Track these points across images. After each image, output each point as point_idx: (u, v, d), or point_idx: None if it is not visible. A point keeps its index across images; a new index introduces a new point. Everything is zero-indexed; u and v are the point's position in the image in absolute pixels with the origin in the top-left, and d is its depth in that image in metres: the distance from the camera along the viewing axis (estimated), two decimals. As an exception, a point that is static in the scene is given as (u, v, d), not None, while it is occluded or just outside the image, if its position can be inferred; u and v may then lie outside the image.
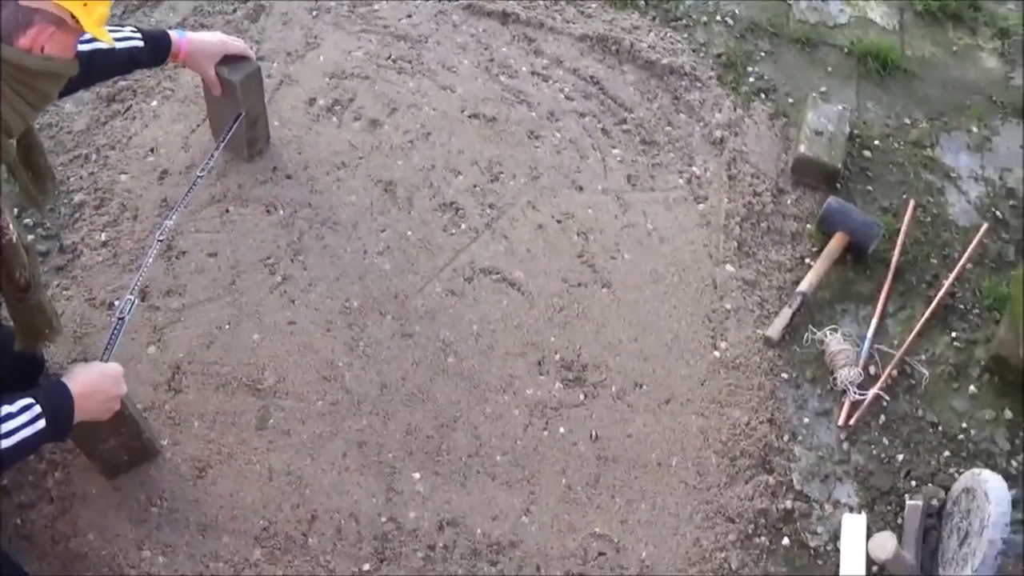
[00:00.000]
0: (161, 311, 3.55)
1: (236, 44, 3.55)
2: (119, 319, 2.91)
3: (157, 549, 3.07)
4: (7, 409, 2.37)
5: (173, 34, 3.34)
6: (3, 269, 2.51)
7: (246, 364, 3.45)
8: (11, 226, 2.45)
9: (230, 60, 3.58)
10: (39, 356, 3.22)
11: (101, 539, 3.06)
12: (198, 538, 3.10)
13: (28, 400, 2.42)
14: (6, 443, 2.34)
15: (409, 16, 4.58)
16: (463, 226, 3.85)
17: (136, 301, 3.00)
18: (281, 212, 3.82)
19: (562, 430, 3.40)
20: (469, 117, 4.21)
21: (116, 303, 3.01)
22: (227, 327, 3.53)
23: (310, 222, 3.80)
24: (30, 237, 3.69)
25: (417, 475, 3.27)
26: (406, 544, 3.14)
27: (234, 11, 4.48)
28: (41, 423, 2.43)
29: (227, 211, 3.82)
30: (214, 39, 3.49)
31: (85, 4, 2.36)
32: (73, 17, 2.35)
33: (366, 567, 3.10)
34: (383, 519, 3.18)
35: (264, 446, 3.29)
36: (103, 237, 3.73)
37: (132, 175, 3.91)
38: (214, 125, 3.93)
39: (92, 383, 2.62)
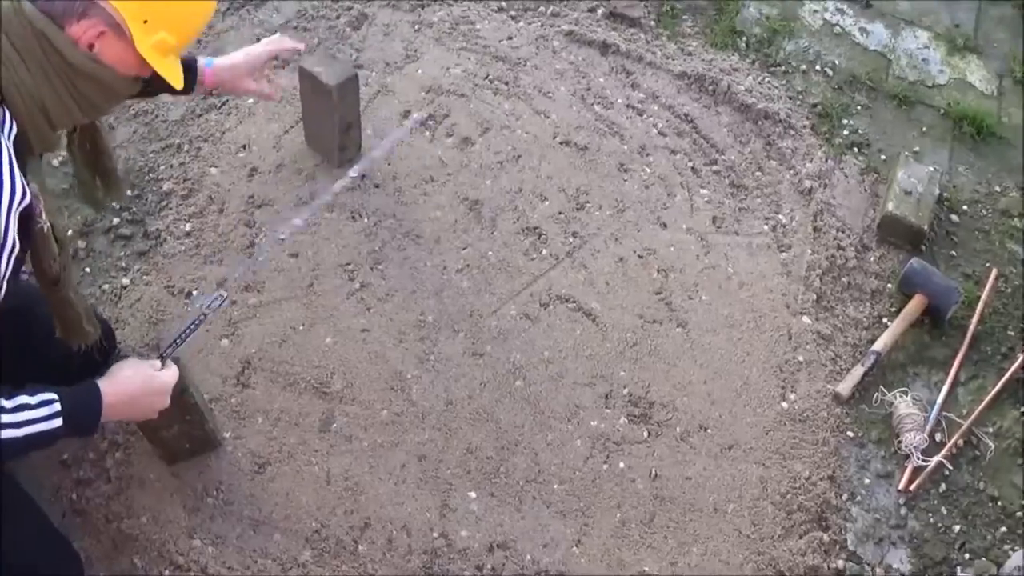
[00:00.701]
0: (238, 305, 3.58)
1: (261, 48, 3.28)
2: (202, 315, 2.84)
3: (208, 539, 3.09)
4: (25, 399, 2.25)
5: (201, 62, 3.13)
6: (35, 259, 2.43)
7: (316, 366, 3.47)
8: (43, 215, 2.34)
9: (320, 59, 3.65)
10: (105, 340, 3.17)
11: (154, 523, 3.09)
12: (249, 532, 3.12)
13: (51, 395, 2.30)
14: (14, 433, 2.21)
15: (510, 38, 4.60)
16: (544, 252, 3.86)
17: (225, 300, 2.93)
18: (366, 220, 3.85)
19: (622, 465, 3.39)
20: (560, 144, 4.22)
21: (198, 296, 2.98)
22: (301, 328, 3.55)
23: (393, 232, 3.82)
24: (115, 220, 3.75)
25: (473, 494, 3.28)
26: (455, 562, 3.14)
27: (337, 17, 4.53)
28: (57, 422, 2.29)
29: (312, 214, 3.84)
30: (239, 58, 3.22)
31: (145, 22, 2.22)
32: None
33: (413, 580, 3.11)
34: (435, 534, 3.18)
35: (325, 449, 3.31)
36: (187, 227, 3.77)
37: (222, 169, 3.96)
38: (308, 128, 3.96)
39: (130, 394, 2.50)
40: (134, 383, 2.51)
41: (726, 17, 4.90)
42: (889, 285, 4.01)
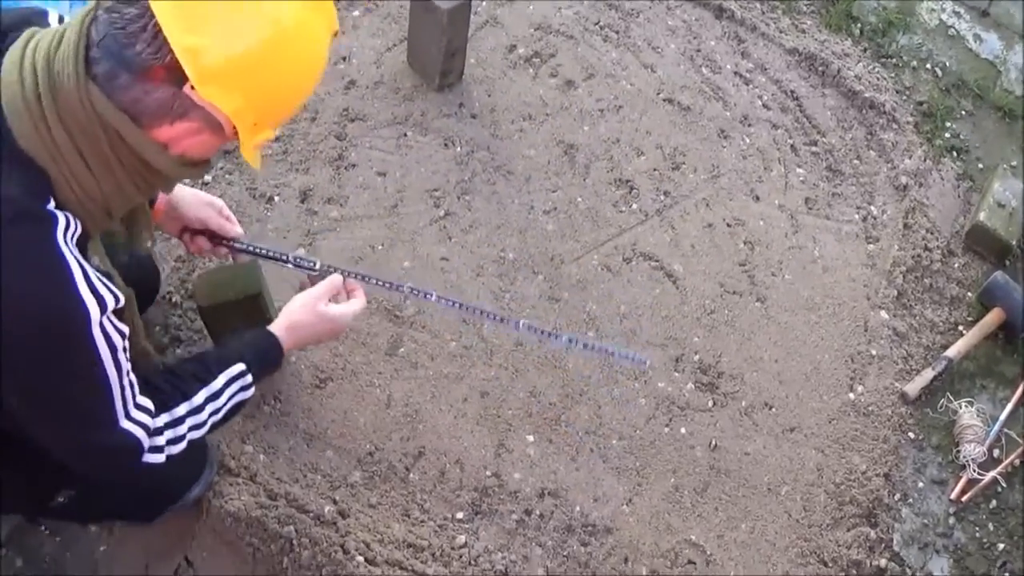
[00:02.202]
0: (319, 217, 3.57)
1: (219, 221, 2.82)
2: (294, 259, 2.73)
3: (260, 447, 3.07)
4: (219, 383, 2.32)
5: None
6: None
7: (390, 289, 3.45)
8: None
9: None
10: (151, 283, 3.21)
11: (207, 424, 3.06)
12: (303, 446, 3.10)
13: (241, 367, 2.38)
14: (216, 418, 2.32)
15: (626, -13, 4.55)
16: (634, 206, 3.83)
17: (316, 264, 2.74)
18: (458, 149, 3.82)
19: (683, 431, 3.37)
20: (664, 100, 4.18)
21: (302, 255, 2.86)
22: (380, 248, 3.53)
23: (484, 165, 3.80)
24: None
25: (531, 438, 3.26)
26: (504, 503, 3.12)
27: (453, -58, 4.48)
28: (250, 392, 2.41)
29: (405, 135, 3.83)
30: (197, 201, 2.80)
31: (255, 124, 1.96)
32: (234, 130, 1.95)
33: (459, 515, 3.09)
34: (488, 473, 3.17)
35: (389, 372, 3.28)
36: (277, 131, 3.73)
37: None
38: (412, 48, 3.93)
39: (308, 337, 2.60)
40: (309, 326, 2.57)
41: (844, 1, 4.83)
42: (969, 294, 3.96)
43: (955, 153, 4.41)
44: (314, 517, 2.95)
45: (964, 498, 3.46)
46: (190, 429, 2.25)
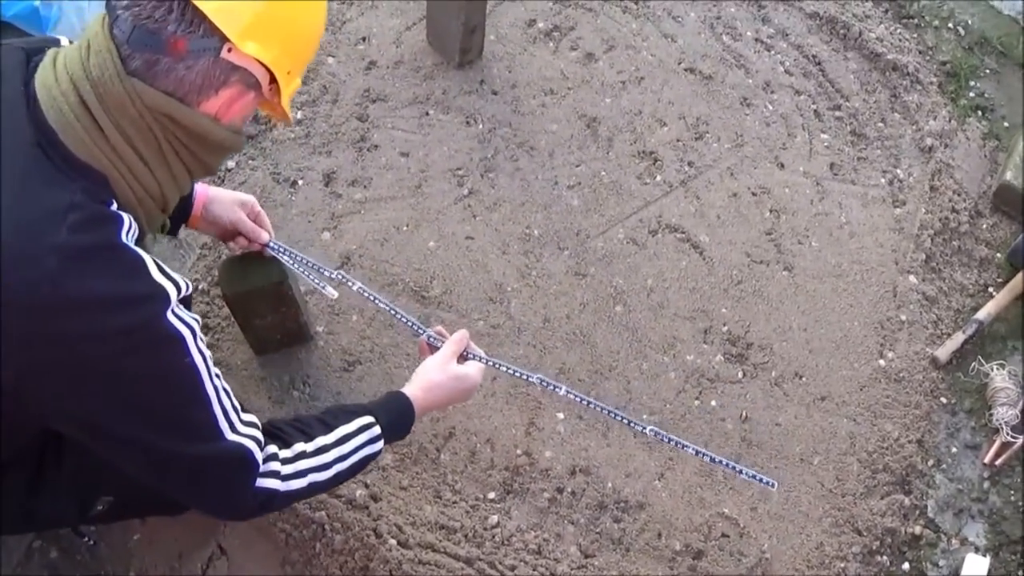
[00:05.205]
0: (343, 199, 3.57)
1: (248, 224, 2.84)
2: (319, 271, 2.81)
3: (291, 431, 3.07)
4: (344, 430, 2.35)
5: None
6: None
7: (416, 269, 3.45)
8: None
9: None
10: None
11: (237, 411, 3.07)
12: (333, 430, 3.10)
13: (369, 419, 2.40)
14: (341, 465, 2.33)
15: (643, -43, 4.52)
16: (658, 178, 3.81)
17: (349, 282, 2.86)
18: (480, 126, 3.81)
19: (714, 403, 3.36)
20: (685, 70, 4.16)
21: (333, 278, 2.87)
22: (405, 229, 3.53)
23: (507, 142, 3.79)
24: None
25: (561, 415, 3.25)
26: (536, 481, 3.12)
27: (471, -84, 4.45)
28: (380, 444, 2.42)
29: (427, 114, 3.83)
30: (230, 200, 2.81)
31: (289, 72, 2.00)
32: (272, 84, 1.99)
33: (491, 495, 3.09)
34: (518, 452, 3.17)
35: (417, 353, 3.25)
36: (299, 115, 3.76)
37: (339, 60, 3.94)
38: (431, 26, 3.93)
39: (441, 400, 2.63)
40: (445, 387, 2.61)
41: (862, -39, 4.80)
42: (998, 255, 3.92)
43: (980, 112, 4.37)
44: (346, 501, 2.97)
45: (998, 462, 3.43)
46: (312, 470, 2.26)
